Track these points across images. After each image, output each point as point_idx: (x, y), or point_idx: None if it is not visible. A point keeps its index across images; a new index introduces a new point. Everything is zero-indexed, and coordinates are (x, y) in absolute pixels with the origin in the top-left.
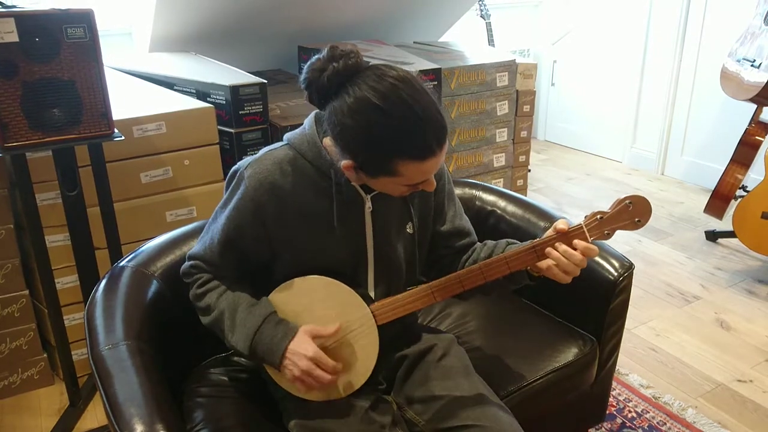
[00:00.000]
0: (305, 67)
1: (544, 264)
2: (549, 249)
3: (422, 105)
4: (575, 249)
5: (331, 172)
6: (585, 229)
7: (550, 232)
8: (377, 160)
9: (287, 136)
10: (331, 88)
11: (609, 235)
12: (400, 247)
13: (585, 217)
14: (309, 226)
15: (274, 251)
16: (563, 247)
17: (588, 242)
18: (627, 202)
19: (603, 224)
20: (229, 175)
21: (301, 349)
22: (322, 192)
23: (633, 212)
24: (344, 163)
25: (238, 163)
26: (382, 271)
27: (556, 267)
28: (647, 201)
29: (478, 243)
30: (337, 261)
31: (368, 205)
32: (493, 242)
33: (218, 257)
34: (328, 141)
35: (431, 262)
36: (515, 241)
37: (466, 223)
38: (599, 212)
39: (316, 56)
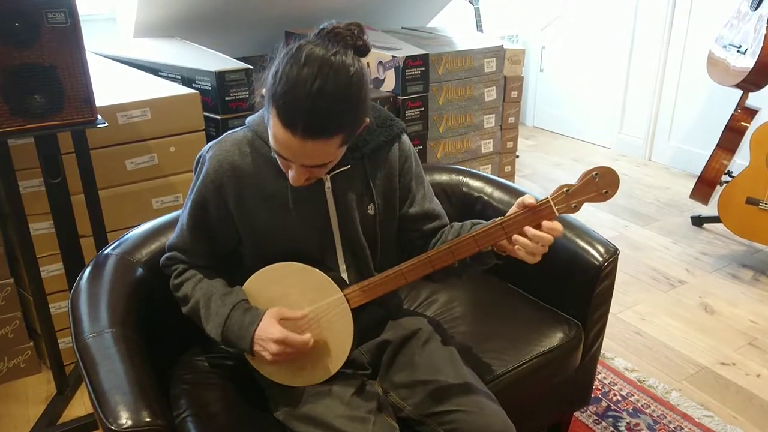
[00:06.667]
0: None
1: (509, 246)
2: (516, 236)
3: (320, 90)
4: (541, 229)
5: None
6: (552, 203)
7: (514, 209)
8: (269, 98)
9: (248, 119)
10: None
11: (576, 208)
12: (361, 229)
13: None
14: (269, 206)
15: (240, 234)
16: (531, 231)
17: (555, 216)
18: (594, 174)
19: (570, 197)
20: (195, 161)
21: (268, 334)
22: (280, 172)
23: (600, 184)
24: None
25: (202, 149)
26: (351, 254)
27: (523, 250)
28: (614, 172)
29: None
30: (302, 244)
31: (327, 184)
32: (459, 224)
33: (189, 244)
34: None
35: (403, 246)
36: (480, 220)
37: (436, 206)
38: (566, 185)
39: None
